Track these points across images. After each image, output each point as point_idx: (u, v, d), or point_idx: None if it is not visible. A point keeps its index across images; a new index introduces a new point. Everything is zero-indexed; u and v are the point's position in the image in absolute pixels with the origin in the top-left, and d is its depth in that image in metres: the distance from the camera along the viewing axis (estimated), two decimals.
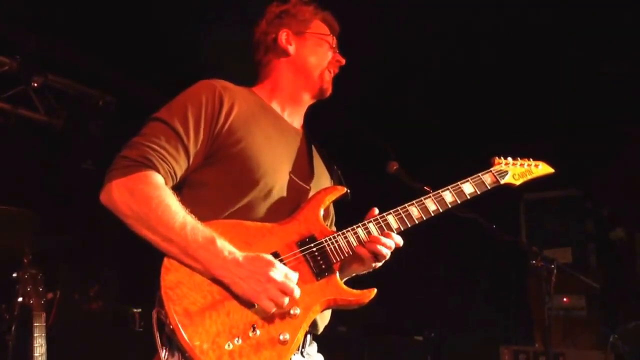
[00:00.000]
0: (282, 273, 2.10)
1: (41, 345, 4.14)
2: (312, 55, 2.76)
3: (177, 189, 2.31)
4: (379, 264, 2.49)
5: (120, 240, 7.30)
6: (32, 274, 4.34)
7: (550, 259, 3.54)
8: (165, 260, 2.10)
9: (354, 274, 2.58)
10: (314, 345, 2.51)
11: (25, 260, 4.64)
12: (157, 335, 2.06)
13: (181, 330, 1.99)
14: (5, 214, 4.41)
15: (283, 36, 2.74)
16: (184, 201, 2.21)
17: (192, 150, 2.31)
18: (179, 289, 2.05)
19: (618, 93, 6.51)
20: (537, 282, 6.51)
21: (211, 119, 2.36)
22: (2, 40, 6.13)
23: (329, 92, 2.81)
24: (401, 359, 7.11)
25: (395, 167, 3.08)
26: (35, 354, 4.10)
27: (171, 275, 2.08)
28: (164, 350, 2.04)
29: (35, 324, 4.17)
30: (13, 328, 4.71)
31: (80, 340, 5.64)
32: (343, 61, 2.83)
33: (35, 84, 6.54)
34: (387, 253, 2.41)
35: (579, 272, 4.11)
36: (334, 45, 2.83)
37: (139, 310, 6.60)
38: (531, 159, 2.95)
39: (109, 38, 6.22)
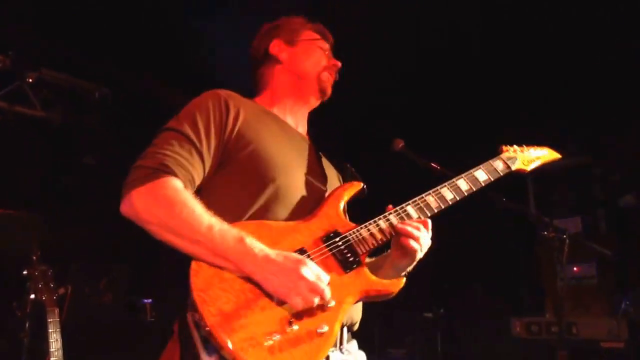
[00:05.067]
0: (314, 272, 2.09)
1: (56, 340, 4.18)
2: (306, 59, 2.80)
3: (195, 195, 2.29)
4: (420, 251, 2.46)
5: (126, 233, 7.36)
6: (42, 270, 4.39)
7: (561, 229, 3.53)
8: (193, 263, 2.09)
9: (406, 269, 2.56)
10: (354, 343, 2.52)
11: (34, 257, 4.67)
12: (198, 338, 2.02)
13: (219, 331, 1.97)
14: (12, 218, 4.41)
15: (274, 46, 2.80)
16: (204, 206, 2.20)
17: (205, 154, 2.32)
18: (211, 291, 2.04)
19: (624, 62, 6.50)
20: (547, 252, 6.55)
21: (220, 123, 2.38)
22: None
23: (328, 93, 2.83)
24: (411, 337, 7.16)
25: (401, 145, 3.09)
26: (52, 349, 4.13)
27: (201, 278, 2.07)
28: (204, 353, 2.00)
29: (49, 320, 4.21)
30: (27, 325, 4.73)
31: (93, 333, 5.66)
32: (339, 64, 2.85)
33: (30, 80, 6.50)
34: (421, 237, 2.42)
35: (590, 241, 4.11)
36: (326, 50, 2.85)
37: (149, 301, 6.63)
38: (534, 146, 3.02)
39: (99, 29, 6.25)
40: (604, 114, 6.80)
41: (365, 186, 2.56)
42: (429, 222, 2.48)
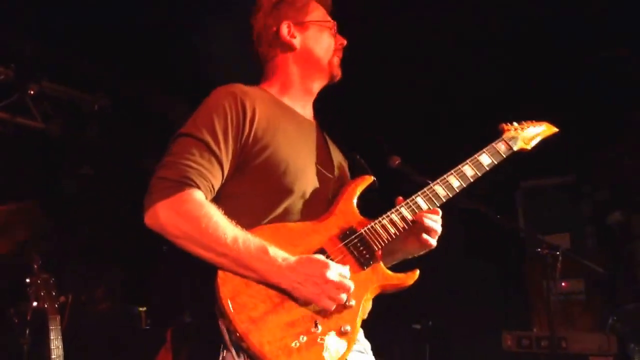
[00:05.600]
0: (337, 272, 2.16)
1: (58, 347, 4.24)
2: (317, 45, 2.74)
3: (215, 201, 2.33)
4: (433, 243, 2.56)
5: (121, 242, 7.43)
6: (45, 278, 4.43)
7: (554, 246, 3.58)
8: (220, 272, 2.15)
9: (401, 258, 2.68)
10: (361, 331, 2.57)
11: (35, 266, 4.72)
12: (231, 346, 2.10)
13: (250, 337, 2.05)
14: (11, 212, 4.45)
15: (285, 29, 2.70)
16: (224, 213, 2.25)
17: (224, 162, 2.33)
18: (239, 298, 2.11)
19: (613, 76, 6.60)
20: (535, 268, 6.64)
21: (237, 127, 2.38)
22: None
23: (339, 76, 2.80)
24: (400, 348, 7.20)
25: (397, 162, 3.12)
26: (53, 356, 4.17)
27: (228, 286, 2.13)
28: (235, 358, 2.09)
29: (51, 327, 4.26)
30: (27, 332, 4.79)
31: (91, 340, 5.71)
32: (345, 42, 2.82)
33: (32, 92, 6.56)
34: (436, 226, 2.52)
35: (578, 257, 4.16)
36: (334, 29, 2.81)
37: (144, 309, 6.70)
38: (534, 121, 3.02)
39: (99, 40, 6.24)
40: (591, 132, 6.91)
41: (375, 179, 2.61)
42: (440, 211, 2.56)
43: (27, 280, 4.50)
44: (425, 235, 2.52)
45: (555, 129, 3.07)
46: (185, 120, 2.47)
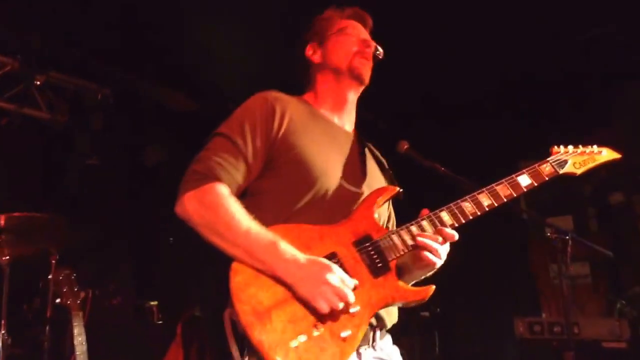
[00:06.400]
0: (338, 278, 2.19)
1: (82, 344, 4.24)
2: (334, 53, 2.82)
3: (242, 196, 2.45)
4: (439, 263, 2.51)
5: (132, 237, 7.46)
6: (66, 274, 4.40)
7: (563, 230, 3.55)
8: (234, 263, 2.23)
9: (421, 277, 2.64)
10: (388, 338, 2.59)
11: (53, 262, 4.75)
12: (231, 334, 2.18)
13: (251, 330, 2.10)
14: (36, 220, 4.50)
15: (309, 51, 2.88)
16: (248, 208, 2.35)
17: (251, 160, 2.46)
18: (247, 290, 2.17)
19: (605, 57, 6.68)
20: (540, 253, 6.71)
21: (265, 129, 2.50)
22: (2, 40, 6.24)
23: (364, 77, 2.80)
24: (409, 335, 7.28)
25: (405, 147, 3.05)
26: (78, 352, 4.19)
27: (239, 277, 2.20)
28: (240, 350, 2.16)
29: (75, 323, 4.25)
30: (47, 328, 4.82)
31: (106, 334, 5.73)
32: (370, 42, 2.85)
33: (38, 82, 6.58)
34: (436, 247, 2.44)
35: (588, 241, 4.18)
36: (358, 34, 2.86)
37: (156, 303, 6.74)
38: (594, 146, 2.88)
39: (102, 32, 6.30)
40: (588, 114, 6.97)
41: (401, 190, 2.61)
42: (449, 231, 2.48)
43: (50, 276, 4.51)
44: (430, 256, 2.45)
45: (616, 155, 2.92)
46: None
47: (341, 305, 2.17)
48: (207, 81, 7.21)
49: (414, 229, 2.45)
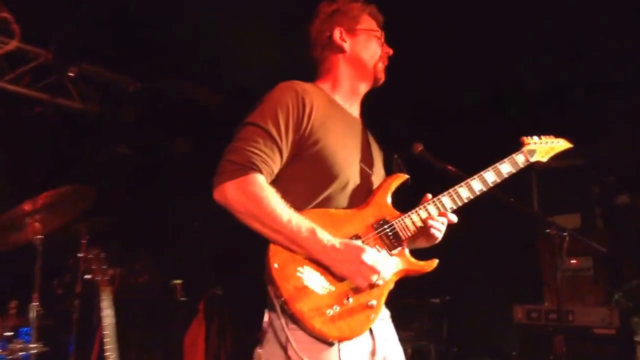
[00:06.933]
0: (371, 257, 2.55)
1: (109, 316, 4.57)
2: (365, 50, 3.07)
3: (272, 182, 2.71)
4: (439, 238, 2.95)
5: (159, 221, 7.79)
6: (96, 253, 4.74)
7: (562, 228, 3.79)
8: (271, 246, 2.54)
9: (418, 247, 3.04)
10: (385, 310, 2.94)
11: (83, 241, 5.06)
12: (278, 306, 2.48)
13: (293, 302, 2.46)
14: (66, 193, 4.69)
15: (337, 34, 3.05)
16: (278, 192, 2.62)
17: (284, 150, 2.70)
18: (287, 269, 2.51)
19: (614, 60, 6.91)
20: (547, 246, 6.89)
21: (297, 121, 2.73)
22: (34, 31, 6.33)
23: (382, 80, 3.13)
24: (419, 321, 7.58)
25: (420, 149, 3.32)
26: (105, 323, 4.52)
27: (278, 258, 2.53)
28: (280, 319, 2.47)
29: (103, 298, 4.59)
30: (76, 302, 5.16)
31: (133, 310, 6.07)
32: (391, 51, 3.15)
33: (71, 74, 6.87)
34: (442, 228, 2.91)
35: (587, 236, 4.42)
36: (382, 39, 3.14)
37: (180, 281, 7.10)
38: (552, 136, 3.35)
39: (135, 26, 6.51)
40: (599, 119, 7.24)
41: (409, 178, 2.99)
42: (451, 216, 2.93)
43: (80, 254, 4.83)
44: (437, 234, 2.91)
45: (569, 144, 3.41)
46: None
47: (375, 278, 2.54)
48: (235, 79, 7.34)
49: (422, 212, 2.87)
